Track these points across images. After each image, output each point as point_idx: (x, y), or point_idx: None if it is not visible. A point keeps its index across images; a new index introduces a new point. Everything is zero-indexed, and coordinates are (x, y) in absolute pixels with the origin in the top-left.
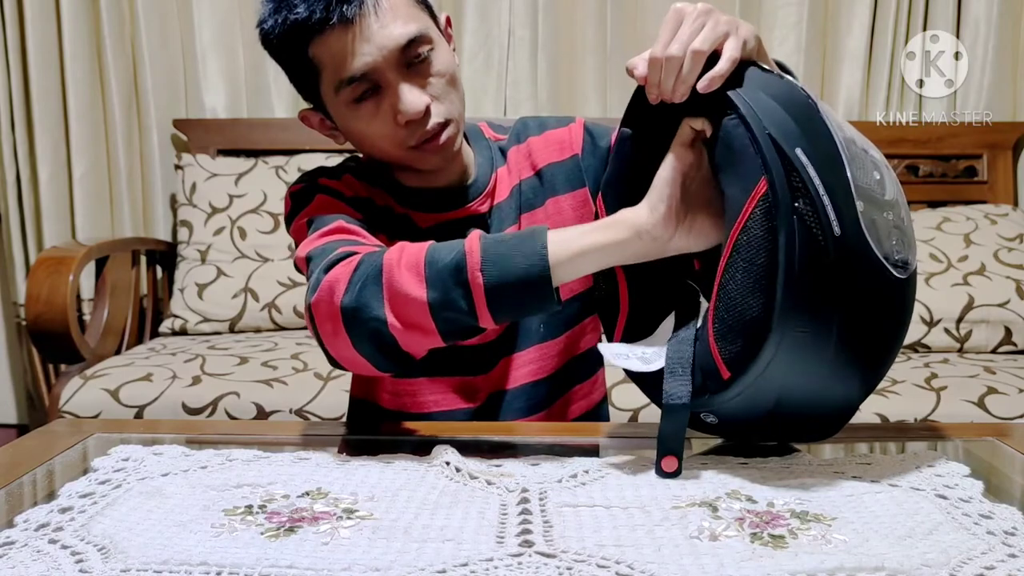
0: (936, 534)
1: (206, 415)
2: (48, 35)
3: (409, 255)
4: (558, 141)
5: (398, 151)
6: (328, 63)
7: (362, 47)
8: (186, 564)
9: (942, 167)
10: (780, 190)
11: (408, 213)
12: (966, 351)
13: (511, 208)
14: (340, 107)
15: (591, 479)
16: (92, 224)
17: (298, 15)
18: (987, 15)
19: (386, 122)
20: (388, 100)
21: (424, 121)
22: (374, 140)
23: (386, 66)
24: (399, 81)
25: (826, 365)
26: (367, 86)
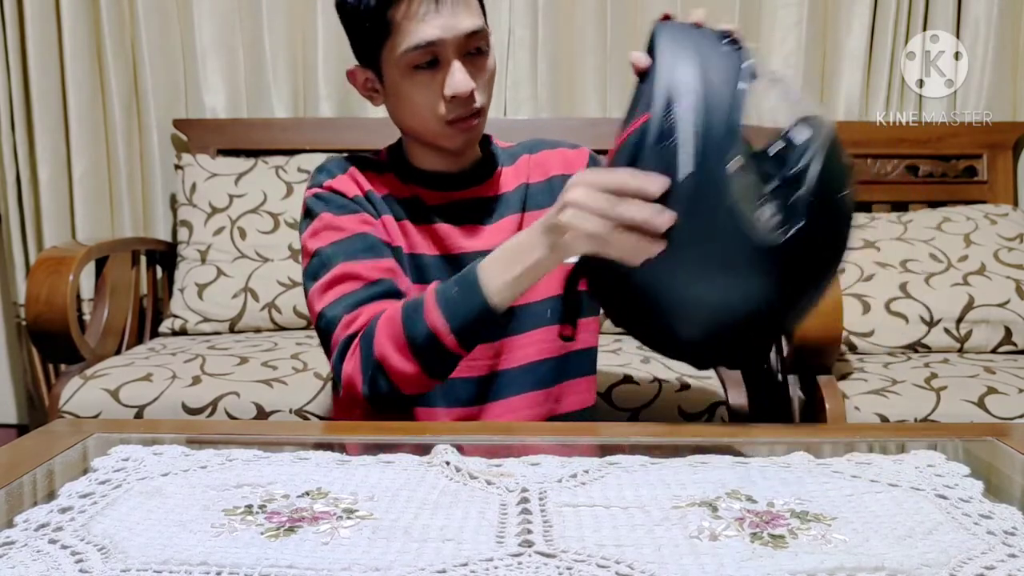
0: (936, 534)
1: (206, 415)
2: (48, 35)
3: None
4: (567, 159)
5: (433, 122)
6: (403, 27)
7: (438, 21)
8: (186, 564)
9: (942, 167)
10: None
11: (416, 193)
12: (966, 351)
13: (516, 201)
14: (398, 69)
15: (591, 479)
16: (92, 224)
17: None
18: (987, 15)
19: (434, 93)
20: (442, 74)
21: (466, 102)
22: (416, 107)
23: (451, 45)
24: (457, 64)
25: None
26: (429, 57)
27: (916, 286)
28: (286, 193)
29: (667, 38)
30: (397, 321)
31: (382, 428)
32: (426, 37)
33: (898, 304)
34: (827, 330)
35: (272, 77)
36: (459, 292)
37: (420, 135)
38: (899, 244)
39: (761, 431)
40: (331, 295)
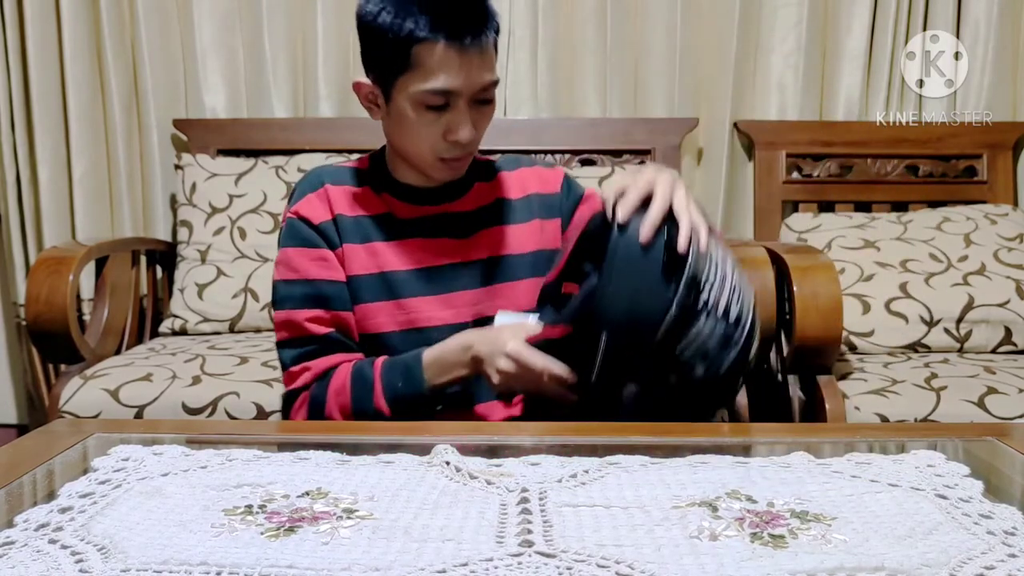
0: (936, 534)
1: (206, 415)
2: (48, 35)
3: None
4: (544, 178)
5: (428, 155)
6: (424, 66)
7: (459, 71)
8: (186, 564)
9: (942, 167)
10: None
11: (390, 207)
12: (966, 351)
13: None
14: (408, 101)
15: (591, 479)
16: (92, 224)
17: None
18: (987, 15)
19: (436, 131)
20: (448, 118)
21: (463, 146)
22: (415, 138)
23: (465, 95)
24: (465, 110)
25: None
26: (442, 101)
27: (916, 286)
28: (286, 193)
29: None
30: (346, 397)
31: (382, 428)
32: (445, 85)
33: (898, 304)
34: (827, 330)
35: (272, 77)
36: (403, 386)
37: (410, 160)
38: (899, 244)
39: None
40: (281, 334)
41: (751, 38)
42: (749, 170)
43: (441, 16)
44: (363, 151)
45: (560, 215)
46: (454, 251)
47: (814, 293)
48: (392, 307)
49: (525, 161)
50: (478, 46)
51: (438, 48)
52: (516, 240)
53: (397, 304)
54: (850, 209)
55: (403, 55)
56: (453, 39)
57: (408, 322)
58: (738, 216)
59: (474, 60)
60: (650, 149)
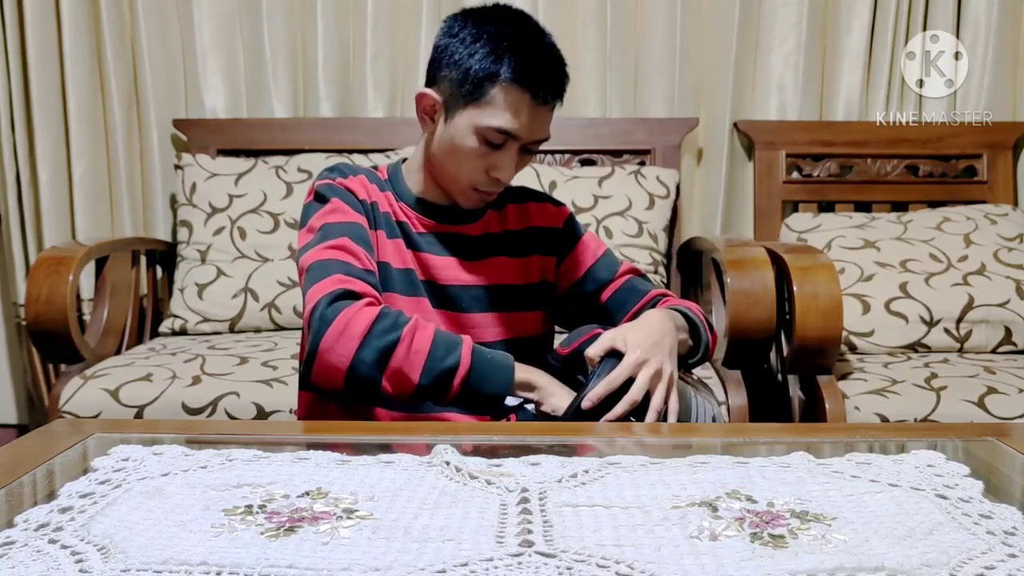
0: (936, 534)
1: (206, 415)
2: (48, 35)
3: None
4: (548, 214)
5: (464, 182)
6: (498, 106)
7: (527, 122)
8: (186, 564)
9: (942, 167)
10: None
11: (407, 218)
12: (966, 351)
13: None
14: (468, 129)
15: (591, 479)
16: (92, 224)
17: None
18: (987, 15)
19: (482, 163)
20: (498, 156)
21: (499, 184)
22: (460, 164)
23: (520, 142)
24: (515, 154)
25: None
26: (501, 140)
27: (916, 286)
28: (286, 193)
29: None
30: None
31: (382, 428)
32: (511, 128)
33: (898, 304)
34: (827, 330)
35: (272, 77)
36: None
37: (443, 179)
38: (899, 244)
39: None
40: (329, 254)
41: (751, 38)
42: (749, 170)
43: (531, 70)
44: (363, 151)
45: (556, 253)
46: (461, 273)
47: (814, 293)
48: (414, 303)
49: (533, 195)
50: (550, 106)
51: (518, 95)
52: (516, 272)
53: (417, 302)
54: (850, 209)
55: (483, 89)
56: (535, 93)
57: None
58: (738, 216)
59: (542, 116)
60: (650, 149)
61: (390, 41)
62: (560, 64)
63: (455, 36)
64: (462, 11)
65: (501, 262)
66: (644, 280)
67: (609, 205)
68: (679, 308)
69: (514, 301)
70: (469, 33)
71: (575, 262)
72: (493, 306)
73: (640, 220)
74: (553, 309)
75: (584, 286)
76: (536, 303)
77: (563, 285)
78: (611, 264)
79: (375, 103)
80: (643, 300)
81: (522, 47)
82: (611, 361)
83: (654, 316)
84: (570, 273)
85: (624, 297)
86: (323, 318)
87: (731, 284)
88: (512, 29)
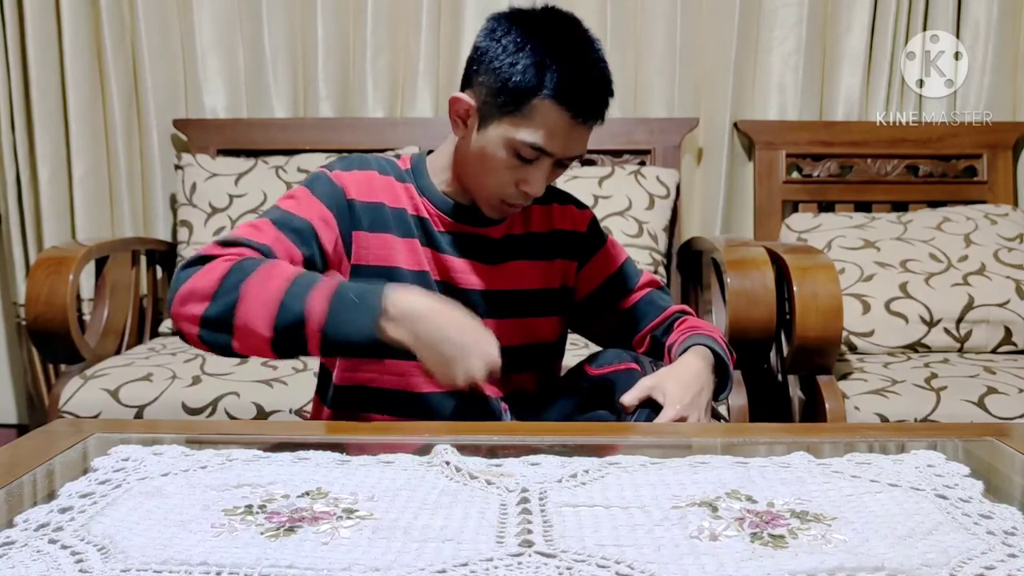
0: (936, 534)
1: (206, 415)
2: (48, 35)
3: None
4: (573, 217)
5: (492, 192)
6: (535, 120)
7: (563, 139)
8: (186, 564)
9: (942, 167)
10: None
11: (429, 215)
12: (966, 351)
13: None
14: (501, 140)
15: (591, 479)
16: (92, 224)
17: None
18: (987, 15)
19: (512, 176)
20: (530, 170)
21: (527, 197)
22: (490, 174)
23: (554, 157)
24: (547, 169)
25: None
26: (534, 156)
27: (916, 286)
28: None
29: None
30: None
31: (382, 428)
32: (545, 146)
33: (898, 304)
34: (827, 330)
35: (272, 77)
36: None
37: (471, 186)
38: (899, 244)
39: (761, 431)
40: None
41: (751, 38)
42: (749, 170)
43: (575, 89)
44: (363, 151)
45: (578, 258)
46: (479, 277)
47: (814, 293)
48: None
49: (559, 195)
50: (589, 126)
51: (556, 112)
52: (537, 276)
53: None
54: (850, 209)
55: (522, 102)
56: (576, 113)
57: None
58: (738, 216)
59: (579, 135)
60: (650, 149)
61: (390, 41)
62: (606, 83)
63: (497, 40)
64: (508, 12)
65: (522, 266)
66: (664, 293)
67: (609, 205)
68: (704, 340)
69: (533, 306)
70: (512, 41)
71: (596, 269)
72: (511, 312)
73: (640, 220)
74: (569, 314)
75: (603, 295)
76: (555, 308)
77: (582, 292)
78: (632, 274)
79: (375, 103)
80: (661, 317)
81: (567, 63)
82: (646, 412)
83: (692, 365)
84: (590, 280)
85: (643, 311)
86: (177, 277)
87: (731, 284)
88: (559, 40)
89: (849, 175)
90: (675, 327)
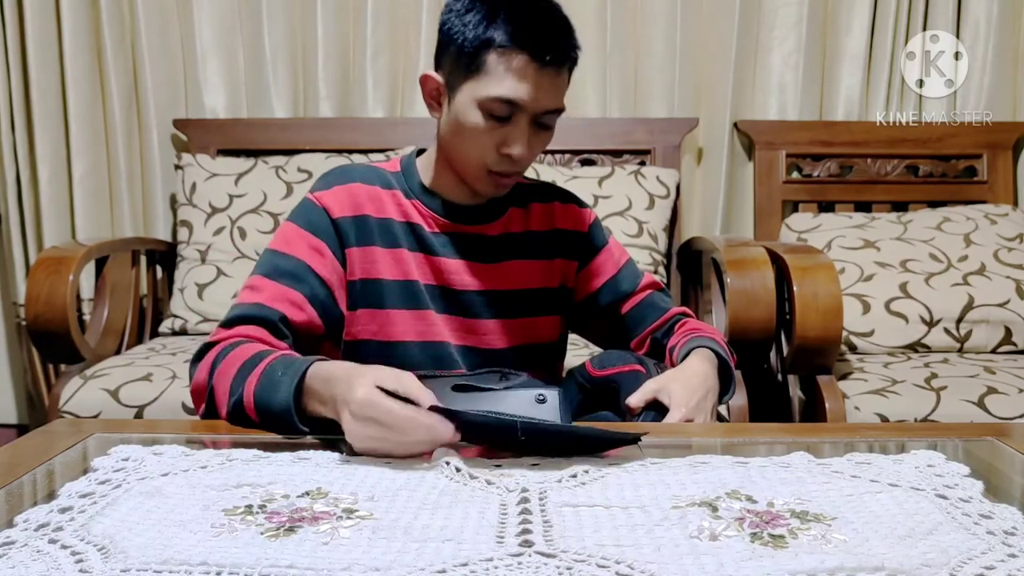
0: (936, 534)
1: None
2: (48, 35)
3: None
4: (575, 216)
5: (477, 165)
6: (497, 73)
7: (531, 86)
8: (186, 564)
9: (942, 167)
10: None
11: (423, 220)
12: (966, 351)
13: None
14: (472, 104)
15: (591, 479)
16: (92, 224)
17: (509, 28)
18: (987, 15)
19: (492, 141)
20: (507, 130)
21: (514, 162)
22: (470, 144)
23: (529, 112)
24: (526, 127)
25: None
26: (506, 112)
27: (916, 286)
28: (286, 193)
29: None
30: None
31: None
32: (514, 95)
33: (898, 304)
34: (827, 330)
35: (272, 77)
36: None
37: (458, 166)
38: (899, 244)
39: (761, 431)
40: (242, 294)
41: (751, 38)
42: (749, 170)
43: (529, 29)
44: (363, 151)
45: (578, 258)
46: (476, 277)
47: (814, 293)
48: (414, 317)
49: (560, 194)
50: (555, 68)
51: (517, 58)
52: (537, 275)
53: (419, 315)
54: (850, 209)
55: (480, 58)
56: (534, 54)
57: (432, 334)
58: (738, 216)
59: (548, 80)
60: (650, 149)
61: (390, 41)
62: (560, 23)
63: (452, 11)
64: None
65: (521, 265)
66: (664, 295)
67: (609, 205)
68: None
69: (532, 306)
70: (464, 5)
71: (597, 270)
72: (509, 312)
73: (640, 220)
74: (568, 315)
75: (603, 296)
76: (554, 308)
77: (581, 292)
78: (633, 276)
79: (375, 103)
80: (662, 319)
81: (514, 8)
82: (652, 414)
83: (698, 369)
84: (590, 281)
85: (643, 313)
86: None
87: (731, 284)
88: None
89: (849, 175)
90: (676, 329)
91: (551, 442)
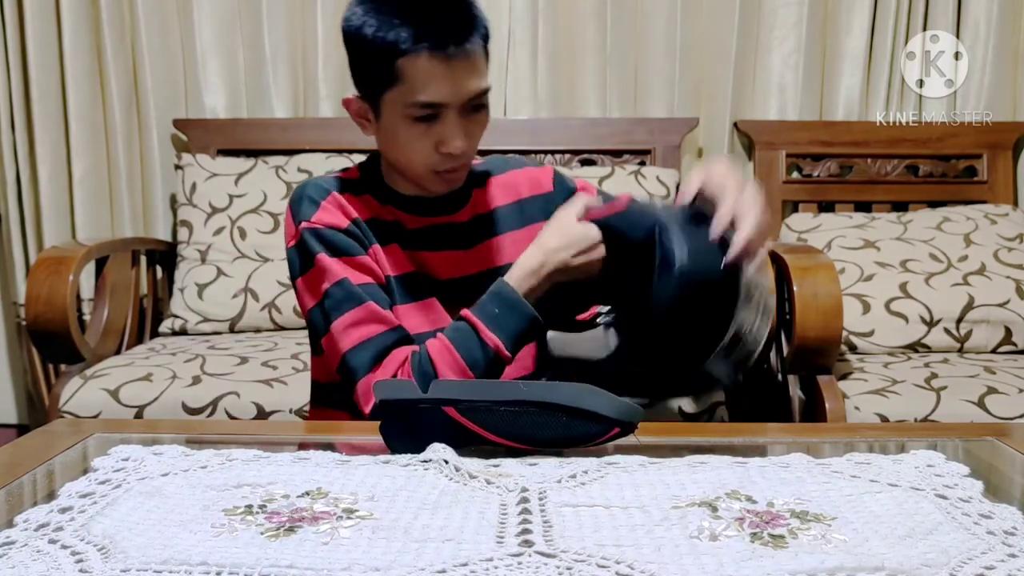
0: (936, 534)
1: (206, 415)
2: (48, 35)
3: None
4: (534, 179)
5: (421, 168)
6: (409, 79)
7: (445, 82)
8: (186, 564)
9: (942, 167)
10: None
11: (398, 218)
12: (966, 351)
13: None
14: (397, 114)
15: (591, 479)
16: (92, 224)
17: (405, 32)
18: (987, 15)
19: (428, 143)
20: (439, 129)
21: (456, 157)
22: (408, 152)
23: (454, 106)
24: (457, 120)
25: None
26: (431, 112)
27: (916, 286)
28: (286, 193)
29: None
30: (452, 352)
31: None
32: (432, 98)
33: (898, 304)
34: (827, 330)
35: (272, 77)
36: (502, 311)
37: (406, 174)
38: (899, 244)
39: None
40: (356, 335)
41: (751, 38)
42: (749, 170)
43: (423, 26)
44: (363, 151)
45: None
46: (456, 265)
47: (814, 293)
48: (421, 308)
49: (514, 163)
50: (464, 54)
51: (422, 60)
52: (512, 248)
53: (425, 304)
54: (850, 209)
55: (388, 69)
56: (437, 49)
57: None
58: None
59: (461, 69)
60: (650, 149)
61: None
62: (454, 3)
63: (349, 28)
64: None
65: (494, 243)
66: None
67: None
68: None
69: None
70: (358, 19)
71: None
72: None
73: None
74: None
75: None
76: None
77: None
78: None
79: None
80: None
81: (401, 10)
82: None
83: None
84: None
85: None
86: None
87: None
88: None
89: (849, 175)
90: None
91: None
